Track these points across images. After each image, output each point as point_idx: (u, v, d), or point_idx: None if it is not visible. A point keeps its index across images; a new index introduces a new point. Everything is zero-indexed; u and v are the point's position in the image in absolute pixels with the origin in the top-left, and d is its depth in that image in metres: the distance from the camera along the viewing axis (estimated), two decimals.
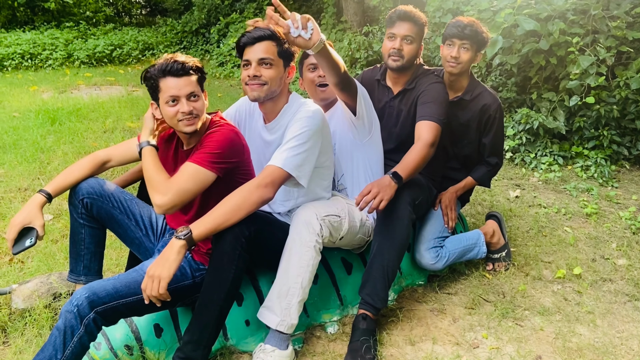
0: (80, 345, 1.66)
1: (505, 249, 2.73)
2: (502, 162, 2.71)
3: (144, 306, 1.79)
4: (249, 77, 1.95)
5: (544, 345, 2.13)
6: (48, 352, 1.64)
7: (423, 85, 2.39)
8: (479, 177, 2.66)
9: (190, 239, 1.71)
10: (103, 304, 1.69)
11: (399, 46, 2.33)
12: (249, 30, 1.96)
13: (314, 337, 2.19)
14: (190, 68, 1.87)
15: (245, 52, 1.97)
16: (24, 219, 1.92)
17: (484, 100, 2.55)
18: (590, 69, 3.91)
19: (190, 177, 1.80)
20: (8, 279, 2.53)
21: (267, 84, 1.95)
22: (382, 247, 2.13)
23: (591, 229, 3.20)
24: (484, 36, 2.45)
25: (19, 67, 9.13)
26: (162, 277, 1.66)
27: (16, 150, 4.46)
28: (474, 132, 2.61)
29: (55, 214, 3.31)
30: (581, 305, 2.41)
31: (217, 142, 1.86)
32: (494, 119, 2.57)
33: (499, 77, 4.85)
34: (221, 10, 11.14)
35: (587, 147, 4.29)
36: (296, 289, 1.92)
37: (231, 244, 1.78)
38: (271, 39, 1.94)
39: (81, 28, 11.27)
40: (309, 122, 1.92)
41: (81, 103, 6.41)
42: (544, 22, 4.07)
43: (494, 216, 2.86)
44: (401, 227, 2.15)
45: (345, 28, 7.92)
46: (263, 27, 1.94)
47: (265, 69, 1.93)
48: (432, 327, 2.25)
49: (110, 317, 1.73)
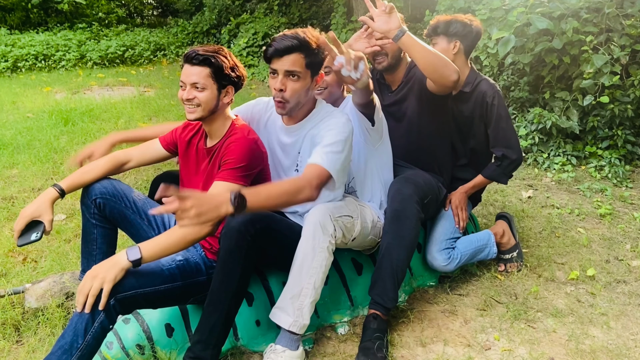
0: (101, 329, 1.67)
1: (517, 249, 2.71)
2: (516, 155, 2.54)
3: (161, 298, 1.82)
4: (275, 90, 1.94)
5: (557, 348, 2.10)
6: (69, 337, 1.64)
7: (419, 72, 2.36)
8: (488, 174, 2.59)
9: (242, 206, 1.59)
10: (123, 291, 1.70)
11: (380, 48, 2.35)
12: (275, 39, 1.90)
13: (324, 337, 2.18)
14: (205, 60, 1.87)
15: (273, 62, 1.92)
16: (33, 212, 1.93)
17: (482, 89, 2.55)
18: (604, 68, 3.87)
19: (227, 192, 1.80)
20: (21, 279, 2.56)
21: (289, 102, 1.94)
22: (391, 247, 2.12)
23: (605, 229, 3.16)
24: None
25: (33, 68, 9.22)
26: (211, 216, 1.53)
27: (30, 151, 4.51)
28: (478, 123, 2.59)
29: (69, 213, 3.34)
30: (595, 307, 2.38)
31: (239, 155, 1.86)
32: (492, 105, 2.53)
33: (511, 77, 4.81)
34: (232, 11, 11.18)
35: (601, 147, 4.24)
36: (309, 289, 1.92)
37: (237, 242, 1.78)
38: (300, 49, 1.88)
39: (94, 29, 11.36)
40: (346, 129, 1.95)
41: (94, 104, 6.46)
42: (557, 21, 4.02)
43: (504, 216, 2.83)
44: (409, 226, 2.14)
45: (355, 28, 7.90)
46: (291, 35, 1.89)
47: (292, 82, 1.91)
48: (443, 329, 2.23)
49: (128, 306, 1.74)
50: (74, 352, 1.63)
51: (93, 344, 1.66)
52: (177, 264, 1.89)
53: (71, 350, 1.63)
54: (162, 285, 1.80)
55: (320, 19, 10.13)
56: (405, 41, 2.04)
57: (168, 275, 1.84)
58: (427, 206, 2.28)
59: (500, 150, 2.55)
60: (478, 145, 2.64)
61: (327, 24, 9.33)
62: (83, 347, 1.64)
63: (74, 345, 1.63)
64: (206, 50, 1.88)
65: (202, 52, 1.86)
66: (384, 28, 2.06)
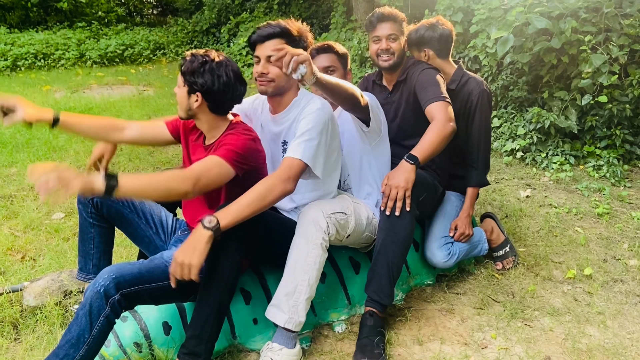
0: (107, 323, 1.69)
1: (507, 243, 2.73)
2: (487, 164, 2.64)
3: (164, 294, 1.83)
4: (257, 74, 2.00)
5: (554, 346, 2.11)
6: (76, 332, 1.66)
7: (415, 74, 2.43)
8: (477, 182, 2.61)
9: (217, 230, 1.73)
10: (129, 286, 1.72)
11: (386, 46, 2.43)
12: (260, 27, 1.99)
13: (321, 336, 2.19)
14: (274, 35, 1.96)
15: (256, 49, 2.01)
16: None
17: (469, 87, 2.57)
18: (603, 68, 3.87)
19: (213, 166, 1.82)
20: (20, 277, 2.57)
21: (274, 80, 1.99)
22: (386, 244, 2.13)
23: (602, 229, 3.16)
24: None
25: (32, 67, 9.22)
26: (192, 264, 1.68)
27: (29, 149, 4.52)
28: (464, 122, 2.60)
29: (67, 212, 3.35)
30: (591, 306, 2.39)
31: (237, 143, 1.88)
32: (476, 104, 2.55)
33: (509, 76, 4.82)
34: (231, 10, 11.19)
35: (599, 147, 4.24)
36: (303, 286, 1.93)
37: (224, 235, 1.77)
38: (281, 36, 1.96)
39: (93, 28, 11.37)
40: (320, 115, 1.97)
41: (93, 102, 6.47)
42: (555, 20, 4.03)
43: (489, 215, 2.88)
44: (404, 223, 2.13)
45: (355, 27, 7.91)
46: (274, 24, 1.97)
47: (273, 66, 1.95)
48: (441, 327, 2.24)
49: (132, 301, 1.75)
50: (80, 345, 1.65)
51: (99, 337, 1.69)
52: None
53: (78, 344, 1.65)
54: (165, 281, 1.81)
55: (319, 18, 10.13)
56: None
57: None
58: (422, 204, 2.28)
59: (477, 161, 2.61)
60: (460, 141, 2.65)
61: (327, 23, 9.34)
62: (90, 341, 1.66)
63: (81, 339, 1.65)
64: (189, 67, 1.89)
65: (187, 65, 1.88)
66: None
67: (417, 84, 2.40)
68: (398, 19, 2.47)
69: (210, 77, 1.87)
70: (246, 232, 1.84)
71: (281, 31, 1.96)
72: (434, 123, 2.23)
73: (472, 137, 2.60)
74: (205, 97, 1.90)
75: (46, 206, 3.35)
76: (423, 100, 2.33)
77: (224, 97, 1.91)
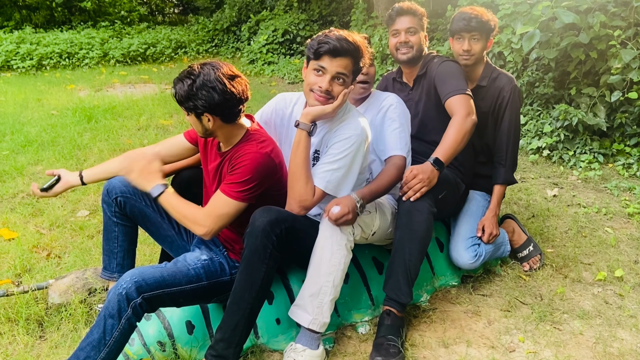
0: (128, 326, 1.71)
1: (530, 242, 2.68)
2: (515, 162, 2.60)
3: (186, 298, 1.85)
4: (319, 88, 1.91)
5: (584, 350, 2.05)
6: (97, 334, 1.68)
7: (434, 67, 2.42)
8: (504, 180, 2.56)
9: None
10: (150, 290, 1.73)
11: (405, 39, 2.44)
12: (331, 37, 1.89)
13: (345, 337, 2.16)
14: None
15: (323, 59, 1.90)
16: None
17: (499, 83, 2.53)
18: (633, 63, 3.77)
19: (223, 205, 1.84)
20: (45, 274, 2.59)
21: (335, 98, 1.94)
22: (403, 242, 2.08)
23: (633, 229, 3.07)
24: (491, 24, 2.49)
25: (57, 66, 9.38)
26: None
27: (54, 147, 4.58)
28: (493, 119, 2.56)
29: (92, 210, 3.38)
30: (623, 309, 2.32)
31: (245, 169, 1.83)
32: (508, 100, 2.51)
33: (535, 72, 4.71)
34: (252, 8, 11.21)
35: (629, 144, 4.13)
36: (328, 287, 1.91)
37: (262, 242, 1.78)
38: (352, 55, 1.91)
39: (116, 27, 11.52)
40: (355, 140, 1.94)
41: (116, 101, 6.53)
42: (583, 15, 3.92)
43: (509, 216, 2.84)
44: (420, 220, 2.07)
45: (376, 24, 7.84)
46: (350, 41, 1.89)
47: (337, 85, 1.92)
48: (466, 330, 2.19)
49: (154, 304, 1.77)
50: (102, 348, 1.67)
51: (120, 340, 1.71)
52: (202, 264, 1.91)
53: (99, 346, 1.67)
54: (187, 285, 1.83)
55: (340, 15, 10.08)
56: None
57: (194, 275, 1.86)
58: (443, 201, 2.24)
59: (508, 159, 2.57)
60: (489, 139, 2.61)
61: (347, 20, 9.28)
62: (111, 343, 1.68)
63: (102, 341, 1.68)
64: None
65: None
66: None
67: (436, 76, 2.38)
68: (417, 13, 2.46)
69: (206, 93, 1.78)
70: (284, 237, 1.83)
71: (355, 49, 1.90)
72: (453, 119, 2.22)
73: (501, 134, 2.55)
74: (213, 113, 1.83)
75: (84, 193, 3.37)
76: (443, 94, 2.32)
77: (229, 104, 1.82)
